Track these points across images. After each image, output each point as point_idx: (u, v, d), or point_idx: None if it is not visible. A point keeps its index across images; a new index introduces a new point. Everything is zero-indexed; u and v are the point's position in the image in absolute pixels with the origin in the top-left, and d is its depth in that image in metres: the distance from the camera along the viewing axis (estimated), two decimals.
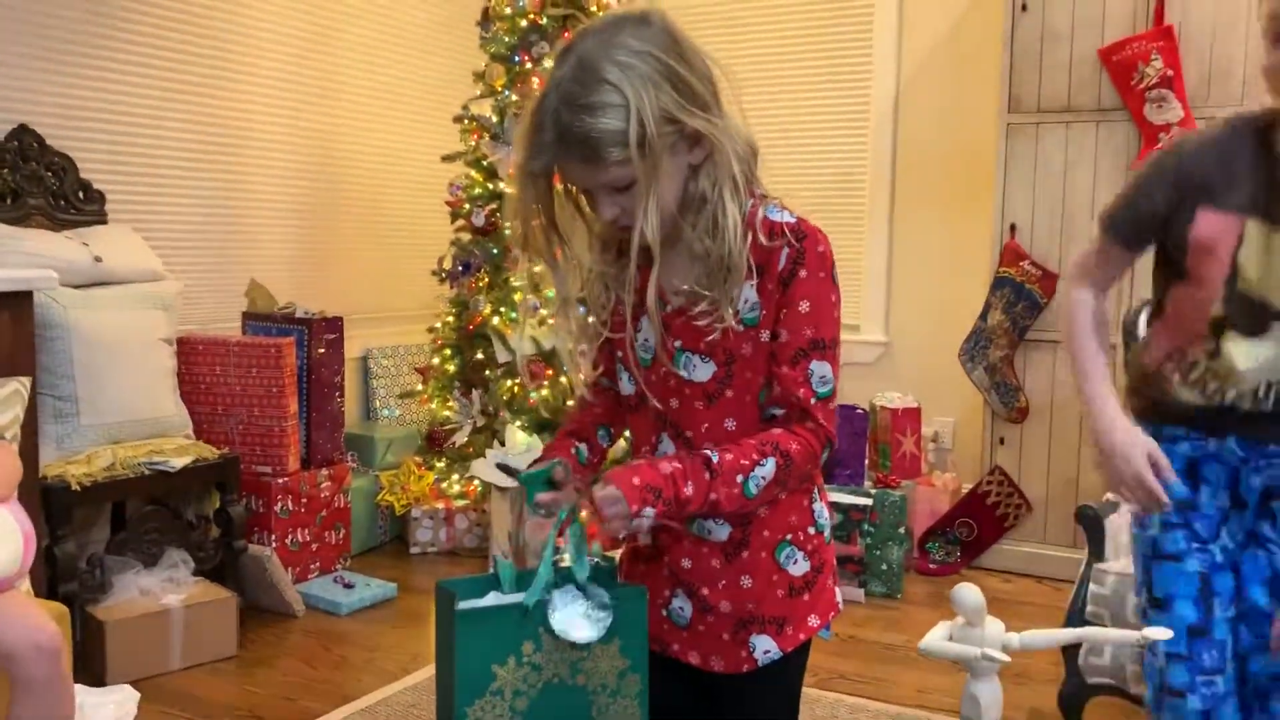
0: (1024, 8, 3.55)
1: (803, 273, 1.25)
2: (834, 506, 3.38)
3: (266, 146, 3.80)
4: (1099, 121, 3.48)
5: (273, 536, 3.26)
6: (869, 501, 3.40)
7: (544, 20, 3.75)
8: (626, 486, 1.18)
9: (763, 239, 1.25)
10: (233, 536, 3.05)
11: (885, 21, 4.16)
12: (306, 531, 3.36)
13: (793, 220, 1.27)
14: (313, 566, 3.40)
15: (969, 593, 1.16)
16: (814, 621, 1.37)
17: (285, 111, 3.86)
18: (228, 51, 3.62)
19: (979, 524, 3.68)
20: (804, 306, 1.25)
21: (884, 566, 3.42)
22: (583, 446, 1.43)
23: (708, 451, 1.24)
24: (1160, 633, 1.24)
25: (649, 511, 1.18)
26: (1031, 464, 3.65)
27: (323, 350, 3.45)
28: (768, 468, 1.22)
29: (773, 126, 4.42)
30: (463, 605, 1.17)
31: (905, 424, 3.65)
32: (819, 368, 1.25)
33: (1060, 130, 3.53)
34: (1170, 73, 3.32)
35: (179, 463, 2.88)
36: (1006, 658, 1.12)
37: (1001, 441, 3.69)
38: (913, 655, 2.89)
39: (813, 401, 1.25)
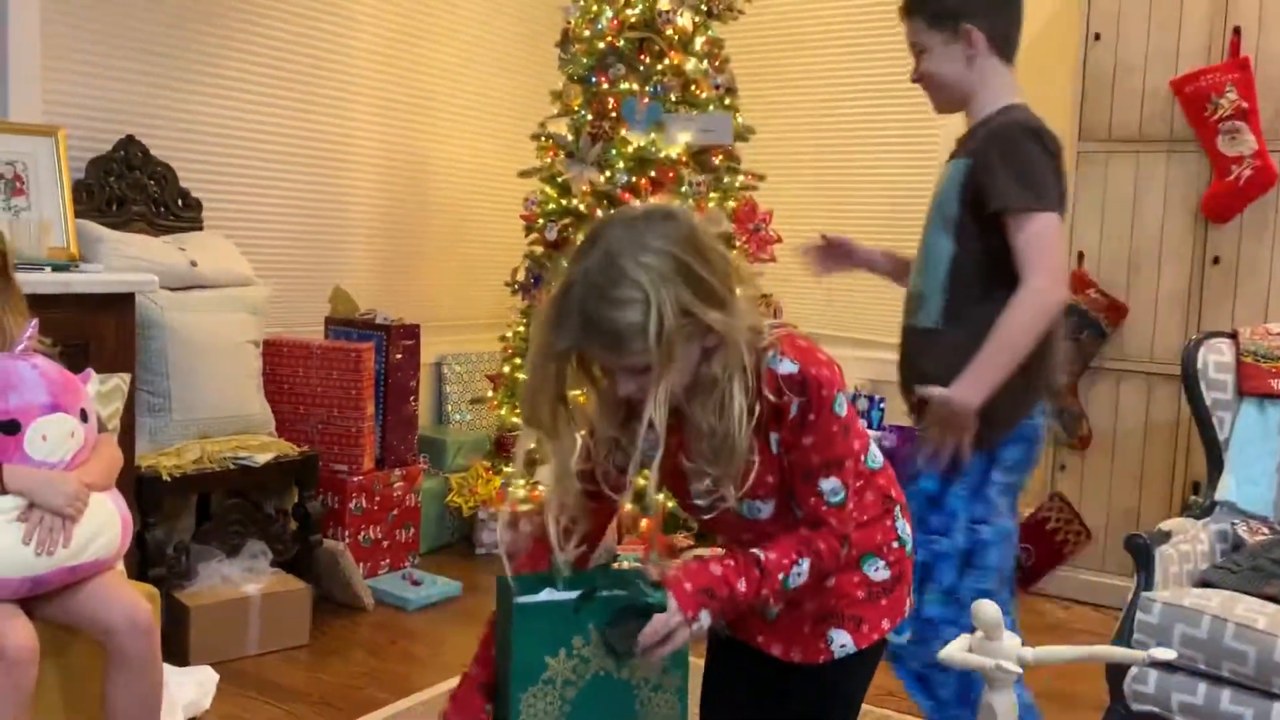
0: (1097, 37, 3.57)
1: (811, 416, 1.36)
2: None
3: (356, 160, 3.98)
4: (1170, 152, 3.48)
5: (346, 532, 3.41)
6: None
7: (621, 43, 3.86)
8: (680, 594, 1.31)
9: (771, 396, 1.35)
10: (309, 531, 3.21)
11: None
12: (378, 529, 3.51)
13: (795, 370, 1.35)
14: (383, 563, 3.54)
15: (988, 608, 1.24)
16: (886, 624, 1.50)
17: (375, 127, 4.04)
18: (323, 69, 3.81)
19: (1038, 550, 3.68)
20: (808, 441, 1.37)
21: None
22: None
23: (756, 551, 1.37)
24: (1165, 653, 1.30)
25: (705, 615, 1.32)
26: (1092, 492, 3.65)
27: (399, 356, 3.59)
28: (803, 566, 1.38)
29: (840, 146, 4.48)
30: (520, 599, 1.27)
31: None
32: (828, 484, 1.38)
33: (1131, 160, 3.54)
34: (1245, 105, 3.31)
35: (262, 459, 3.04)
36: (1019, 669, 1.19)
37: (1063, 468, 3.69)
38: None
39: (824, 509, 1.39)
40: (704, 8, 3.89)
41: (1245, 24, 3.35)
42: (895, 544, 1.51)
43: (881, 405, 3.86)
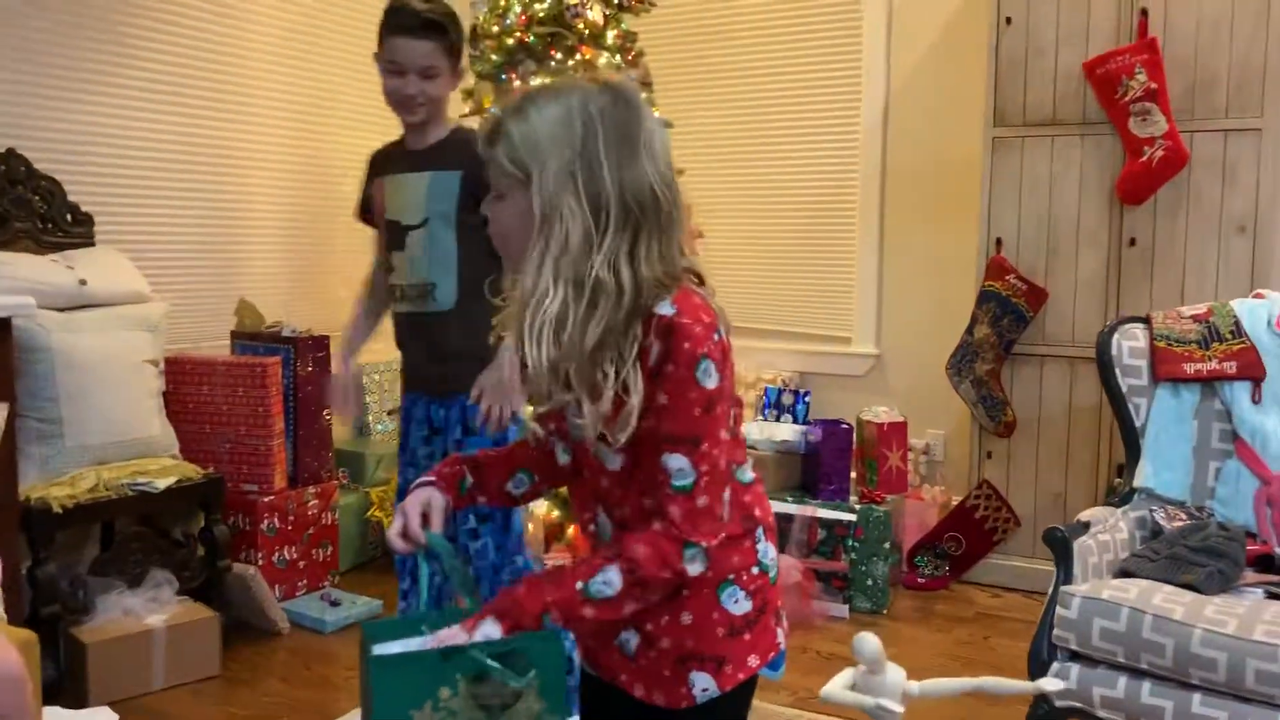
0: (1008, 21, 3.54)
1: (668, 368, 1.22)
2: (818, 522, 3.40)
3: (259, 165, 3.84)
4: (1084, 135, 3.47)
5: (260, 554, 3.29)
6: (853, 517, 3.40)
7: (530, 38, 3.76)
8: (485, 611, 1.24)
9: (640, 337, 1.24)
10: (217, 556, 3.08)
11: (873, 33, 4.15)
12: (293, 549, 3.39)
13: (669, 314, 1.23)
14: (300, 584, 3.42)
15: (868, 642, 1.17)
16: (754, 661, 1.37)
17: (277, 129, 3.90)
18: (220, 71, 3.66)
19: (967, 538, 3.66)
20: (662, 399, 1.23)
21: (869, 582, 3.42)
22: (469, 479, 1.47)
23: (564, 563, 1.30)
24: (1053, 684, 1.25)
25: (488, 624, 1.22)
26: (1019, 478, 3.64)
27: (310, 368, 3.47)
28: (610, 574, 1.23)
29: (763, 139, 4.43)
30: (379, 650, 1.18)
31: (891, 439, 3.64)
32: (674, 460, 1.23)
33: (1045, 143, 3.52)
34: (1154, 86, 3.30)
35: (162, 483, 2.92)
36: (900, 709, 1.13)
37: (989, 456, 3.68)
38: None
39: (667, 491, 1.23)
40: (615, 1, 3.81)
41: (1151, 4, 3.34)
42: (756, 569, 1.37)
43: (807, 399, 3.81)
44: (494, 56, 3.81)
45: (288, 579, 3.38)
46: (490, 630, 1.21)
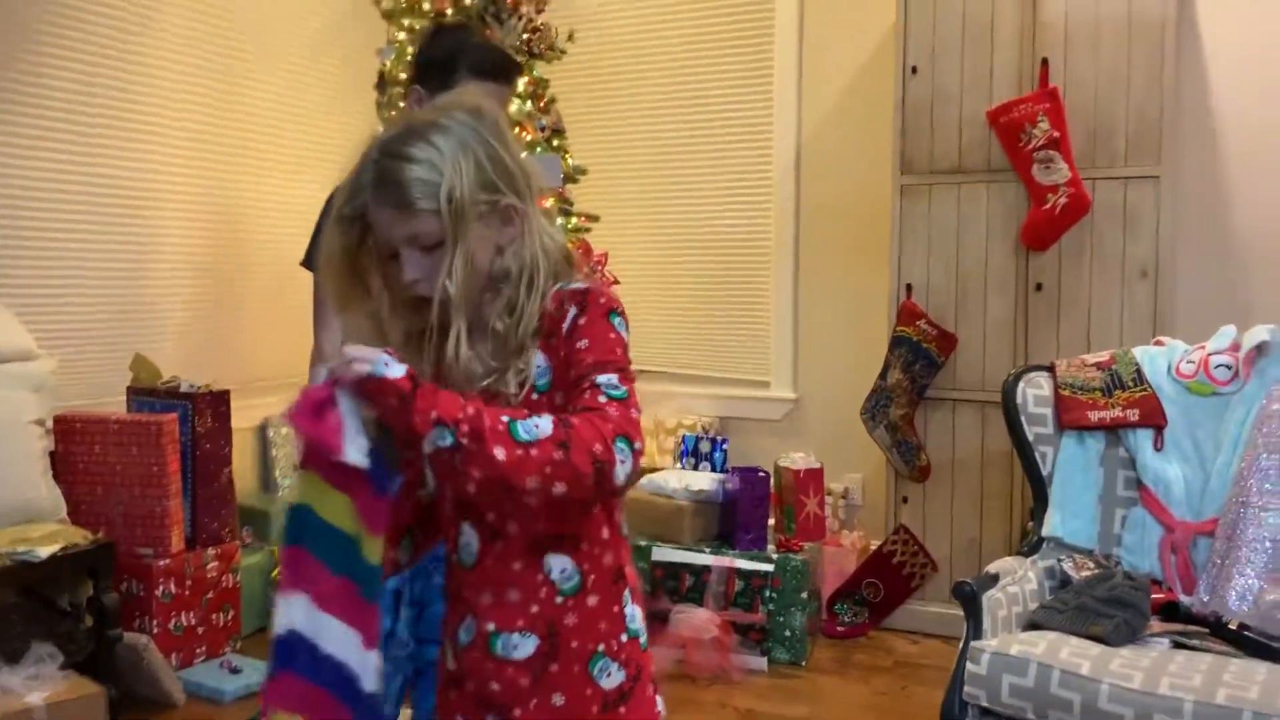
0: (914, 70, 3.59)
1: (582, 320, 1.26)
2: (736, 573, 3.35)
3: (162, 211, 3.71)
4: (989, 182, 3.51)
5: (155, 621, 3.14)
6: (770, 568, 3.36)
7: None
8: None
9: (551, 308, 1.28)
10: (106, 625, 2.93)
11: (785, 80, 4.18)
12: (191, 614, 3.24)
13: (582, 287, 1.29)
14: (199, 651, 3.27)
15: None
16: None
17: (183, 175, 3.77)
18: (122, 112, 3.54)
19: (885, 584, 3.65)
20: (583, 344, 1.25)
21: (788, 633, 3.38)
22: None
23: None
24: None
25: (394, 366, 1.15)
26: (935, 523, 3.64)
27: (209, 424, 3.35)
28: (544, 423, 1.16)
29: (676, 183, 4.43)
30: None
31: (809, 485, 3.63)
32: (604, 378, 1.23)
33: (952, 190, 3.56)
34: (1056, 134, 3.36)
35: (45, 551, 2.76)
36: None
37: (905, 500, 3.68)
38: None
39: (602, 399, 1.21)
40: (525, 49, 3.78)
41: (1052, 54, 3.41)
42: (625, 636, 1.32)
43: (724, 447, 3.78)
44: (401, 103, 3.75)
45: (185, 646, 3.23)
46: (395, 371, 1.14)
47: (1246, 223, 3.52)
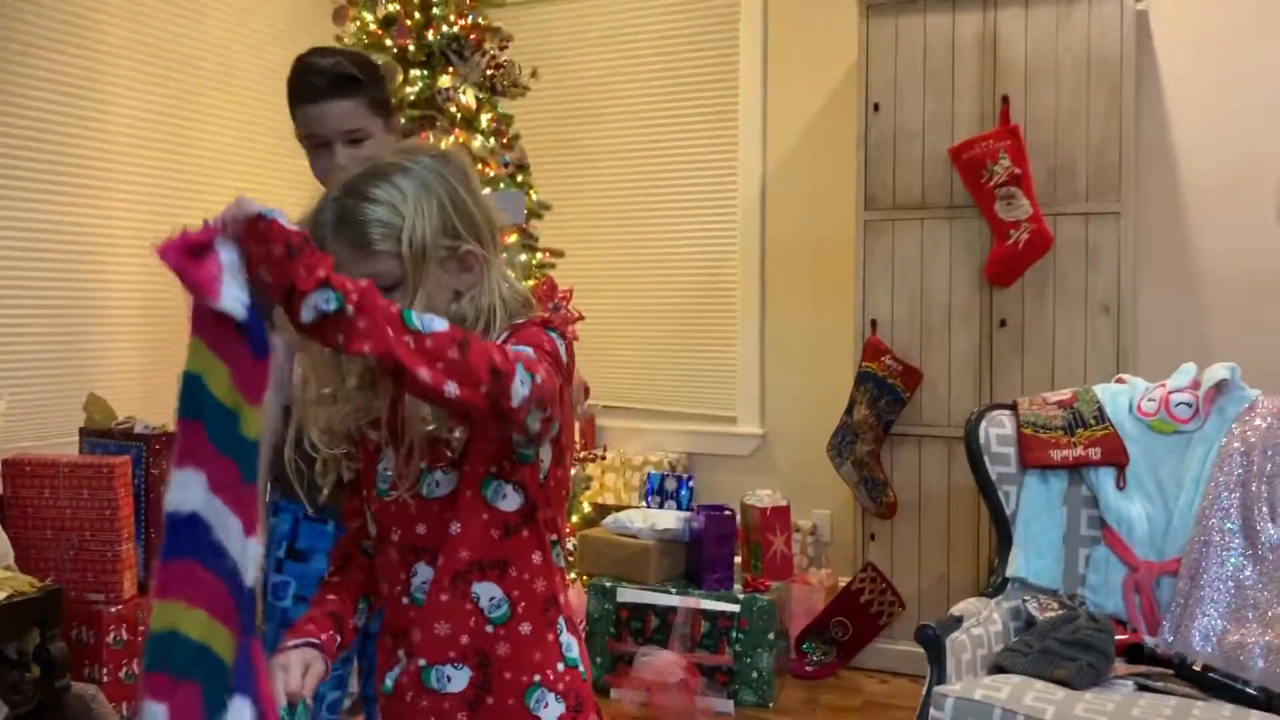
0: (876, 107, 3.60)
1: (514, 337, 1.24)
2: (702, 615, 3.31)
3: (116, 250, 3.64)
4: (951, 218, 3.52)
5: (105, 670, 3.06)
6: (737, 608, 3.32)
7: (401, 121, 3.69)
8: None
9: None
10: (54, 676, 2.84)
11: (749, 117, 4.19)
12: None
13: (524, 319, 1.28)
14: None
15: None
16: None
17: (138, 213, 3.71)
18: (75, 151, 3.48)
19: (854, 623, 3.61)
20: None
21: (755, 674, 3.33)
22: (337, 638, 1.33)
23: None
24: None
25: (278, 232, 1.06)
26: (903, 560, 3.61)
27: (163, 467, 3.28)
28: (438, 321, 1.08)
29: (641, 220, 4.42)
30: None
31: (775, 523, 3.59)
32: (521, 347, 1.17)
33: (915, 226, 3.56)
34: (1018, 171, 3.38)
35: None
36: None
37: (873, 537, 3.65)
38: None
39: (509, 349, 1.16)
40: (489, 85, 3.77)
41: (1012, 91, 3.43)
42: (561, 666, 1.29)
43: (690, 484, 3.74)
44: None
45: (136, 695, 3.14)
46: (287, 224, 1.06)
47: (1206, 259, 3.54)
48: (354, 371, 1.28)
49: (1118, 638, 2.35)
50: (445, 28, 3.65)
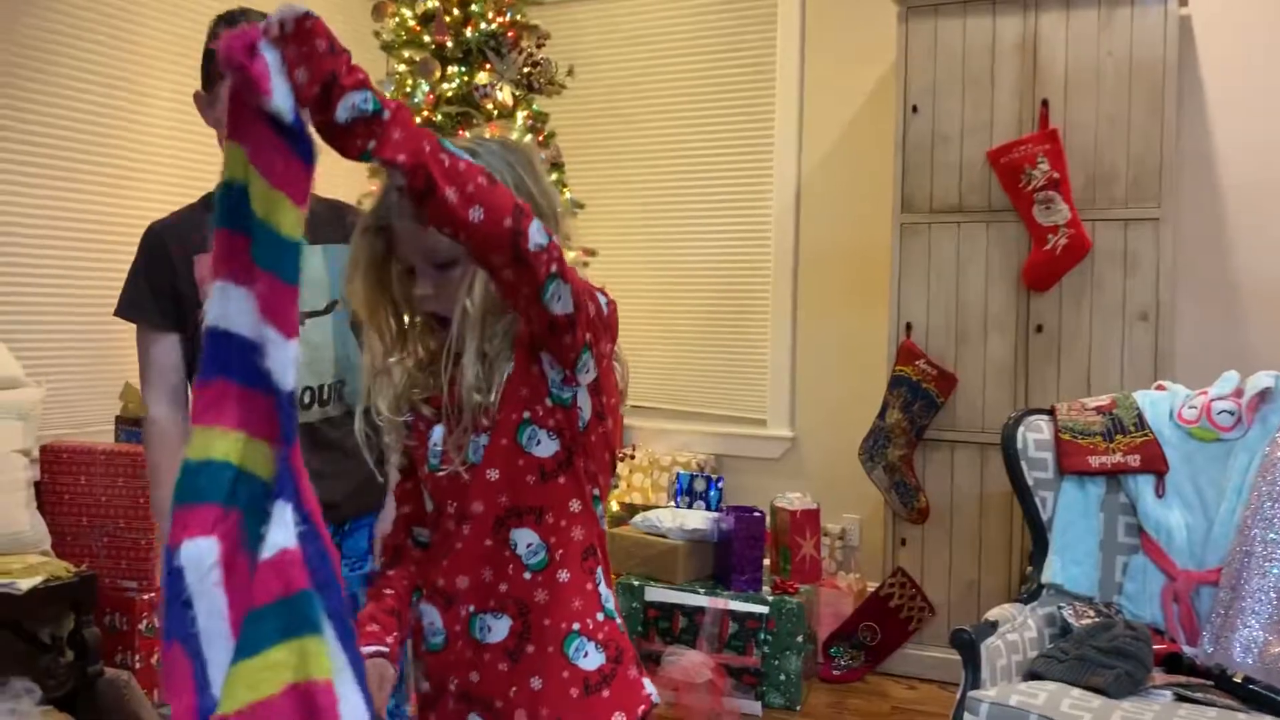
0: (915, 109, 3.58)
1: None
2: (730, 615, 3.30)
3: None
4: (989, 222, 3.49)
5: (137, 656, 3.08)
6: (765, 610, 3.30)
7: (438, 118, 3.71)
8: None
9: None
10: (88, 661, 2.87)
11: (785, 119, 4.17)
12: None
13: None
14: None
15: None
16: (622, 718, 1.28)
17: (173, 206, 3.75)
18: (112, 145, 3.52)
19: (883, 628, 3.59)
20: None
21: (782, 677, 3.31)
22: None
23: None
24: None
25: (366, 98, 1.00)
26: (933, 566, 3.59)
27: None
28: (468, 169, 1.06)
29: (675, 220, 4.41)
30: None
31: (805, 526, 3.58)
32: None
33: (952, 230, 3.54)
34: (1057, 175, 3.35)
35: (26, 584, 2.71)
36: None
37: (903, 542, 3.63)
38: None
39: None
40: (525, 82, 3.78)
41: (1052, 96, 3.40)
42: (600, 615, 1.29)
43: (719, 485, 3.73)
44: None
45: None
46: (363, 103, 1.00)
47: (1247, 266, 3.50)
48: (422, 343, 1.32)
49: (1155, 647, 2.32)
50: (483, 25, 3.66)
